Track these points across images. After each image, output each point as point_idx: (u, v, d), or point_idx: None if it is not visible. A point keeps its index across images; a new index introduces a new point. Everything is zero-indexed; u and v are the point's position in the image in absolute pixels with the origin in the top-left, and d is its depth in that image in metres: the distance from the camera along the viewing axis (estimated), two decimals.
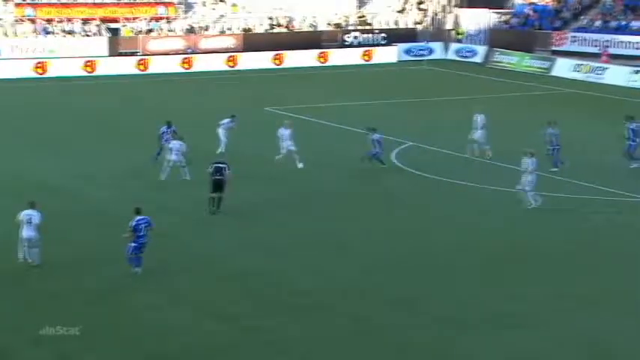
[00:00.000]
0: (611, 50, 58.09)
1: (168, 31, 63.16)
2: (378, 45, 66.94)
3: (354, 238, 24.50)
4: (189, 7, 66.30)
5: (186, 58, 60.05)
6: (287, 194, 28.65)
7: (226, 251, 23.22)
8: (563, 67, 57.88)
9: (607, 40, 59.34)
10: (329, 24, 68.68)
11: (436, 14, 73.63)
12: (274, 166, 31.37)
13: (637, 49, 57.94)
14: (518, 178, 26.94)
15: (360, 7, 72.27)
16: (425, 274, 21.70)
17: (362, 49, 65.82)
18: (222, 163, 26.58)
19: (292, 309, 19.46)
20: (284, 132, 32.07)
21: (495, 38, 66.62)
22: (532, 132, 33.41)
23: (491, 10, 69.81)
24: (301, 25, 67.90)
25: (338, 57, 64.28)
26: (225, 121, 34.06)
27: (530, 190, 26.52)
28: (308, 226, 25.51)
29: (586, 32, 61.69)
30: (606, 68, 55.33)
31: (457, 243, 24.00)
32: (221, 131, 33.69)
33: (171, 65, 59.00)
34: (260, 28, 65.97)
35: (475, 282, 21.18)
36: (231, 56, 61.48)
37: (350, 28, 68.58)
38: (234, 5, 67.18)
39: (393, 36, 67.83)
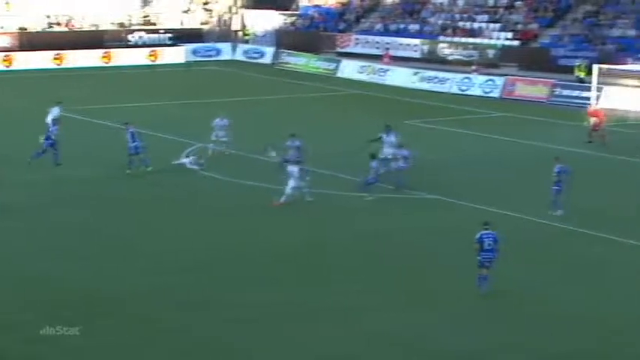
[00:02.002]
0: (393, 52, 60.47)
1: None
2: (164, 45, 66.21)
3: (145, 241, 24.04)
4: None
5: None
6: (60, 199, 27.83)
7: (16, 256, 22.20)
8: (348, 69, 59.60)
9: (388, 43, 61.73)
10: (112, 23, 67.19)
11: (222, 15, 73.77)
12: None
13: (415, 51, 60.66)
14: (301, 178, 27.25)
15: (144, 6, 71.17)
16: (215, 276, 21.57)
17: (147, 49, 64.89)
18: None
19: (83, 314, 18.77)
20: (219, 122, 33.22)
21: (283, 40, 67.67)
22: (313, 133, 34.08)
23: (278, 12, 70.83)
24: (82, 24, 66.02)
25: (123, 57, 63.06)
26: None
27: (304, 188, 26.97)
28: (98, 229, 24.82)
29: (369, 35, 63.88)
30: (388, 70, 57.51)
31: (246, 244, 24.05)
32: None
33: None
34: (37, 26, 63.50)
35: (272, 280, 21.30)
36: (6, 56, 58.79)
37: (134, 27, 67.40)
38: (7, 3, 64.26)
39: (180, 36, 67.32)
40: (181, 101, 46.94)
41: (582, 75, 49.62)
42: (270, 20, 70.55)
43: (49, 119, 33.49)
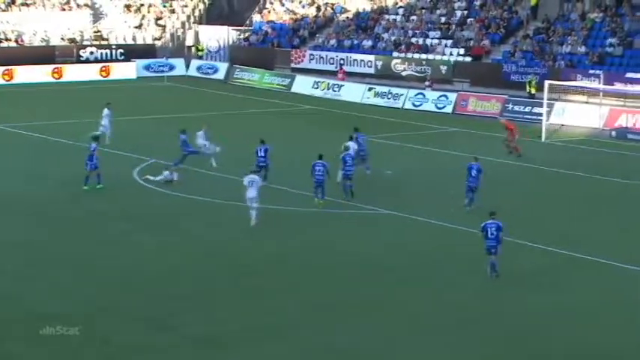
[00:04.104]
0: (347, 68, 61.17)
1: None
2: (116, 61, 66.28)
3: (98, 258, 24.23)
4: None
5: None
6: (5, 216, 27.89)
7: None
8: (302, 84, 60.16)
9: (342, 59, 62.45)
10: (62, 39, 67.08)
11: (175, 30, 74.00)
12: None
13: (369, 67, 61.44)
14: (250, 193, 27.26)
15: (95, 22, 71.18)
16: (175, 291, 21.81)
17: (99, 65, 64.91)
18: None
19: (32, 334, 18.91)
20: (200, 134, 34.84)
21: (236, 55, 68.07)
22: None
23: (231, 28, 71.25)
24: (32, 40, 65.83)
25: (74, 73, 63.00)
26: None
27: (256, 205, 26.97)
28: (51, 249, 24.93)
29: (323, 50, 64.55)
30: (342, 85, 58.17)
31: (201, 260, 24.35)
32: None
33: None
34: None
35: (228, 296, 21.60)
36: None
37: (85, 43, 67.37)
38: None
39: (132, 52, 67.44)
40: (133, 117, 47.06)
41: (533, 91, 50.73)
42: (223, 36, 70.93)
43: None
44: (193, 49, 71.68)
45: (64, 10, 70.88)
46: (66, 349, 18.30)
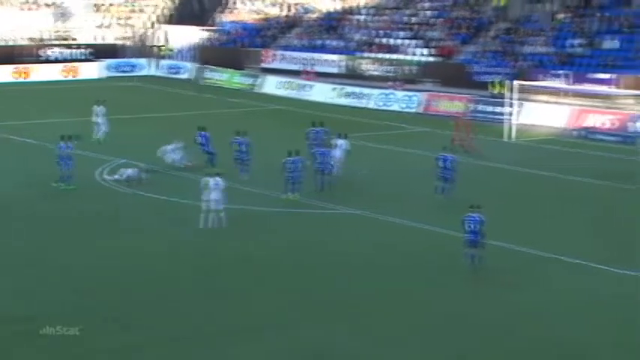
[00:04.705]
0: (314, 68, 61.33)
1: None
2: (81, 60, 65.96)
3: (64, 258, 24.16)
4: None
5: None
6: None
7: None
8: (270, 84, 60.25)
9: (309, 59, 62.60)
10: (27, 38, 66.63)
11: (142, 30, 73.76)
12: None
13: (336, 67, 61.65)
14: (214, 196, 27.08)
15: (61, 21, 70.77)
16: (139, 292, 21.83)
17: (64, 65, 64.57)
18: None
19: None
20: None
21: (205, 55, 68.00)
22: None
23: (198, 28, 71.16)
24: None
25: (38, 72, 62.60)
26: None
27: (217, 207, 26.79)
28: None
29: (291, 50, 64.66)
30: (311, 85, 58.33)
31: (168, 261, 24.37)
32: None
33: None
34: None
35: (194, 297, 21.66)
36: None
37: (50, 42, 66.97)
38: None
39: (98, 51, 67.14)
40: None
41: (498, 91, 51.19)
42: (190, 36, 70.83)
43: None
44: (160, 48, 71.52)
45: (30, 9, 70.44)
46: (31, 350, 18.27)
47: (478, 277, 23.30)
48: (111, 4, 74.32)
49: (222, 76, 63.63)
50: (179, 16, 75.29)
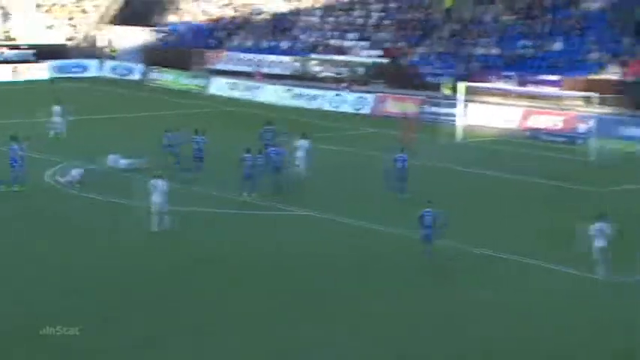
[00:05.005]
0: (264, 69, 61.30)
1: None
2: (26, 61, 65.08)
3: (16, 263, 23.81)
4: None
5: None
6: None
7: None
8: (219, 86, 60.07)
9: (259, 60, 62.57)
10: None
11: (88, 31, 73.01)
12: None
13: (287, 68, 61.69)
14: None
15: (4, 21, 69.76)
16: (96, 299, 21.65)
17: (10, 66, 63.67)
18: None
19: None
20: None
21: (151, 56, 67.53)
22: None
23: (146, 28, 70.66)
24: None
25: None
26: None
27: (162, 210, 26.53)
28: None
29: (240, 52, 64.53)
30: (260, 87, 58.28)
31: (120, 265, 24.18)
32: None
33: None
34: None
35: (147, 301, 21.53)
36: None
37: None
38: None
39: (43, 52, 66.29)
40: (49, 118, 46.29)
41: (448, 92, 51.72)
42: (138, 37, 70.30)
43: None
44: (106, 49, 70.86)
45: None
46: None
47: (431, 276, 23.50)
48: (53, 4, 73.39)
49: (169, 77, 63.27)
50: (123, 17, 74.62)
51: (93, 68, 66.91)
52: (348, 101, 53.85)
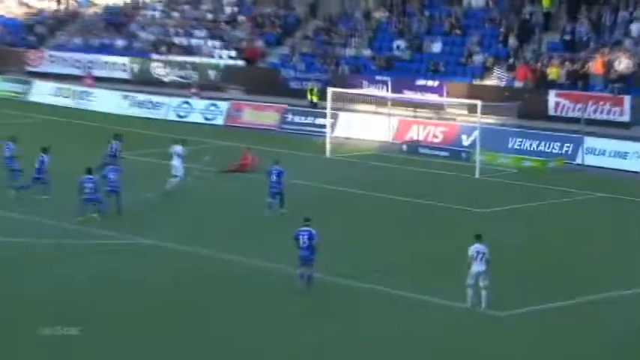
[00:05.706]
0: (96, 72, 61.23)
1: None
2: None
3: None
4: None
5: None
6: None
7: None
8: (42, 91, 59.68)
9: (90, 61, 62.47)
10: None
11: None
12: None
13: (124, 71, 61.81)
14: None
15: None
16: None
17: None
18: None
19: None
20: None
21: None
22: None
23: None
24: None
25: None
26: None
27: None
28: None
29: (66, 51, 64.22)
30: (92, 93, 58.16)
31: None
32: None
33: None
34: None
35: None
36: None
37: None
38: None
39: None
40: None
41: (315, 99, 52.85)
42: None
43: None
44: None
45: None
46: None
47: (298, 310, 24.43)
48: None
49: None
50: None
51: None
52: (197, 109, 54.37)
